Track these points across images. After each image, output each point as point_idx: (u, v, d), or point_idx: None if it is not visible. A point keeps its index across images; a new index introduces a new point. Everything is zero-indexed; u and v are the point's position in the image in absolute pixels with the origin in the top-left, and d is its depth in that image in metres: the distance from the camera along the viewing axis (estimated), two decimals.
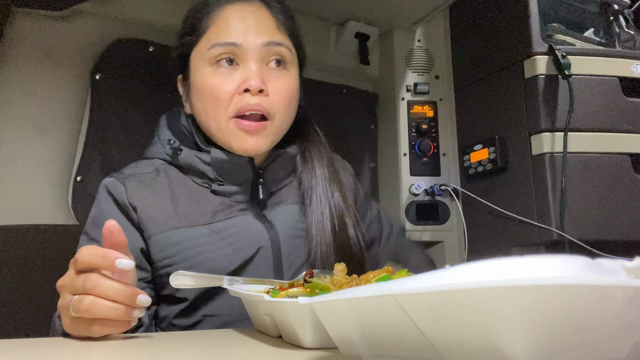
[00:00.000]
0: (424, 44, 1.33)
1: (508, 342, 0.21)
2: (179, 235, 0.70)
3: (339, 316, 0.31)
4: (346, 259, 0.67)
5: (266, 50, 0.69)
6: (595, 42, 1.19)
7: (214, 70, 0.69)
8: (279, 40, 0.70)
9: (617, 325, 0.21)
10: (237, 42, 0.67)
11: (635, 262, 0.24)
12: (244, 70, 0.68)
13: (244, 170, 0.73)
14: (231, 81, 0.68)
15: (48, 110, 0.97)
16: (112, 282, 0.48)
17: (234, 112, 0.68)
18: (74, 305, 0.47)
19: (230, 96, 0.68)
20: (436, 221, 1.23)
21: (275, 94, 0.69)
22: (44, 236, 0.88)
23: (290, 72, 0.72)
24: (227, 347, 0.50)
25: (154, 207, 0.71)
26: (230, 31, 0.68)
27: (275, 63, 0.70)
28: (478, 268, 0.21)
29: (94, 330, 0.48)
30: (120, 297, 0.48)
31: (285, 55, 0.71)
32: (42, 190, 0.95)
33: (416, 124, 1.27)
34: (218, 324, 0.71)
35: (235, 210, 0.73)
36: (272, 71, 0.70)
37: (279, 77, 0.70)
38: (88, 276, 0.48)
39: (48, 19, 0.98)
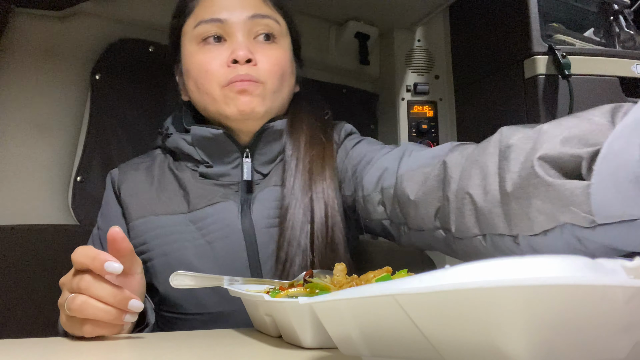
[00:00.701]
0: (424, 44, 1.33)
1: (508, 342, 0.21)
2: (156, 222, 0.69)
3: (339, 316, 0.31)
4: (326, 256, 0.65)
5: (252, 23, 0.68)
6: (595, 42, 1.19)
7: (201, 47, 0.68)
8: (264, 12, 0.69)
9: (617, 325, 0.21)
10: (222, 18, 0.67)
11: (635, 262, 0.24)
12: (231, 45, 0.67)
13: (225, 145, 0.69)
14: (219, 56, 0.67)
15: (48, 110, 0.97)
16: (105, 284, 0.48)
17: (225, 83, 0.67)
18: (68, 303, 0.47)
19: (219, 69, 0.67)
20: None
21: (264, 63, 0.68)
22: (44, 236, 0.88)
23: (280, 45, 0.71)
24: (227, 347, 0.50)
25: (136, 193, 0.72)
26: (215, 8, 0.67)
27: (263, 37, 0.69)
28: (478, 268, 0.21)
29: (85, 330, 0.48)
30: (111, 300, 0.48)
31: (273, 27, 0.69)
32: (42, 190, 0.95)
33: (416, 124, 1.27)
34: (200, 320, 0.69)
35: (218, 195, 0.69)
36: (261, 44, 0.69)
37: (268, 49, 0.69)
38: (83, 276, 0.48)
39: (48, 19, 0.98)
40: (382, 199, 0.62)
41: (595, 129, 0.41)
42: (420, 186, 0.54)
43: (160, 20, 1.09)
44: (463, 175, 0.48)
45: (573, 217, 0.37)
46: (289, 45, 0.74)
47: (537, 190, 0.40)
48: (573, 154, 0.39)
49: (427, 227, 0.54)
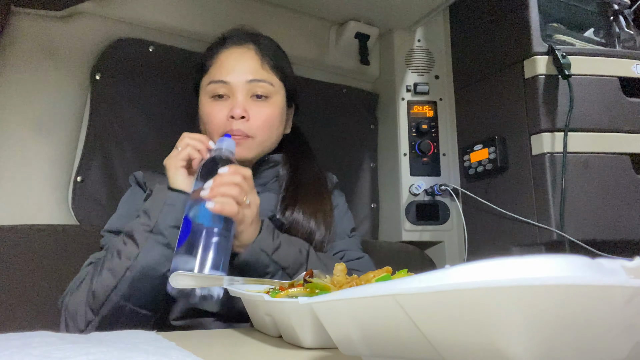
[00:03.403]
0: (424, 44, 1.33)
1: (508, 342, 0.21)
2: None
3: (339, 316, 0.31)
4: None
5: (250, 85, 0.84)
6: (595, 42, 1.19)
7: (211, 101, 0.86)
8: (261, 77, 0.85)
9: (617, 325, 0.21)
10: (227, 80, 0.84)
11: (635, 262, 0.24)
12: (232, 101, 0.84)
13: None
14: (222, 111, 0.84)
15: (48, 110, 0.97)
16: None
17: (224, 133, 0.83)
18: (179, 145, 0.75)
19: (221, 122, 0.84)
20: (436, 221, 1.23)
21: (255, 119, 0.84)
22: (44, 236, 0.88)
23: (272, 102, 0.87)
24: (227, 347, 0.50)
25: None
26: (223, 71, 0.85)
27: (257, 96, 0.85)
28: (478, 268, 0.21)
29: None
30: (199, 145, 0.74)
31: (267, 89, 0.86)
32: (42, 190, 0.94)
33: (416, 124, 1.27)
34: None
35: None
36: (255, 102, 0.85)
37: (260, 106, 0.85)
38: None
39: (48, 19, 0.98)
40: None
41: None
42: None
43: (160, 20, 1.10)
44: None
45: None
46: (281, 100, 0.89)
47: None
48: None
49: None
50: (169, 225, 0.69)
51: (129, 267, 0.67)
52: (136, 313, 0.68)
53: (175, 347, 0.44)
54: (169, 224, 0.69)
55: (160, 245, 0.68)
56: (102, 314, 0.66)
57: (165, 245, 0.69)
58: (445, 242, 1.24)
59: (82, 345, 0.39)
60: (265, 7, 1.22)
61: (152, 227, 0.69)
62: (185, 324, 0.75)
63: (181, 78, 1.11)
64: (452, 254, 1.23)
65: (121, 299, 0.67)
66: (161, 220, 0.69)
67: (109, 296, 0.66)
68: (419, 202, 1.23)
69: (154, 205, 0.71)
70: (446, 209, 1.24)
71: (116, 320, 0.67)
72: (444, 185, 1.21)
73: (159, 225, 0.69)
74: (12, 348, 0.36)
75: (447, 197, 1.24)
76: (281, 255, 0.73)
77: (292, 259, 0.73)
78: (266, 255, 0.71)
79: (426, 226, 1.23)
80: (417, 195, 1.23)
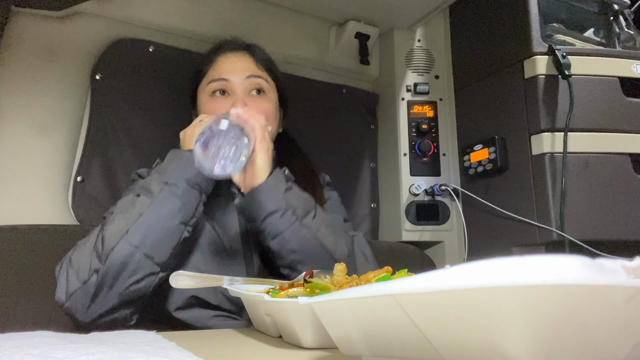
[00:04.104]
0: (424, 44, 1.33)
1: (508, 342, 0.21)
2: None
3: (339, 316, 0.31)
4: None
5: (248, 81, 0.89)
6: (595, 42, 1.19)
7: (212, 98, 0.89)
8: (257, 74, 0.90)
9: (617, 325, 0.21)
10: (227, 78, 0.88)
11: (635, 262, 0.24)
12: (232, 97, 0.88)
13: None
14: (224, 106, 0.86)
15: (48, 110, 0.97)
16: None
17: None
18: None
19: None
20: (436, 221, 1.23)
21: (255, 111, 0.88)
22: (44, 236, 0.88)
23: (268, 97, 0.91)
24: (227, 347, 0.50)
25: None
26: (221, 71, 0.89)
27: (255, 92, 0.90)
28: (478, 268, 0.21)
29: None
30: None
31: (263, 85, 0.90)
32: (42, 190, 0.94)
33: (416, 124, 1.27)
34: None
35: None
36: (253, 97, 0.89)
37: (259, 100, 0.89)
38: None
39: (48, 19, 0.98)
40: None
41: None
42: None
43: (160, 20, 1.10)
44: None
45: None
46: (275, 98, 0.94)
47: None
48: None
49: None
50: (184, 178, 0.72)
51: (142, 214, 0.69)
52: (144, 264, 0.68)
53: (175, 347, 0.44)
54: (185, 177, 0.72)
55: (175, 197, 0.71)
56: (110, 261, 0.66)
57: (179, 198, 0.71)
58: (445, 242, 1.24)
59: (82, 345, 0.39)
60: (265, 7, 1.22)
61: (167, 179, 0.72)
62: (186, 317, 0.75)
63: (181, 78, 1.10)
64: (452, 254, 1.23)
65: (131, 245, 0.67)
66: (176, 174, 0.72)
67: (119, 241, 0.67)
68: (419, 202, 1.23)
69: (169, 163, 0.75)
70: (446, 209, 1.24)
71: (123, 269, 0.66)
72: (444, 185, 1.21)
73: (174, 178, 0.72)
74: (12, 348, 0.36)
75: (447, 197, 1.24)
76: (292, 196, 0.75)
77: (302, 202, 0.76)
78: (278, 191, 0.74)
79: (426, 226, 1.23)
80: (417, 195, 1.23)
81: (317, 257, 0.73)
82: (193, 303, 0.76)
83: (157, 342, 0.47)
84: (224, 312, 0.77)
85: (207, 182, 0.75)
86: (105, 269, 0.66)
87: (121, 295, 0.67)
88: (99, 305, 0.66)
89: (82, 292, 0.66)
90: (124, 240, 0.67)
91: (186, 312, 0.76)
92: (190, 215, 0.72)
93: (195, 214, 0.73)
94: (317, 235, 0.74)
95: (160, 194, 0.70)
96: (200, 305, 0.76)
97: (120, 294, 0.67)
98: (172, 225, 0.70)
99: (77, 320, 0.67)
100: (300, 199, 0.76)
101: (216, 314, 0.76)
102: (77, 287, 0.66)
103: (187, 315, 0.76)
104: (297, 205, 0.75)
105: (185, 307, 0.76)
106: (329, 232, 0.76)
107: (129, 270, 0.67)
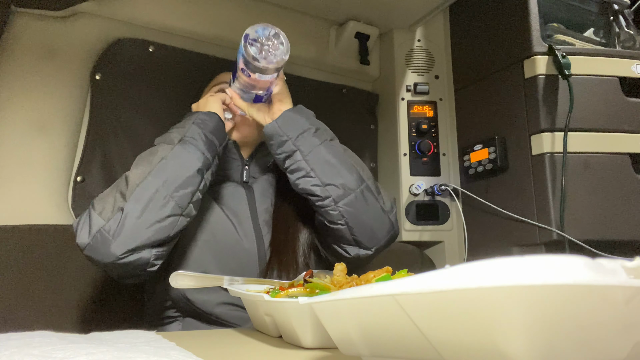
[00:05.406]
0: (424, 44, 1.33)
1: (508, 342, 0.21)
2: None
3: (339, 316, 0.31)
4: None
5: None
6: (595, 42, 1.19)
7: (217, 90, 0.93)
8: None
9: (617, 325, 0.21)
10: (228, 81, 0.90)
11: (635, 262, 0.24)
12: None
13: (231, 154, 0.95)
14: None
15: (48, 110, 0.97)
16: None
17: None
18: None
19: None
20: (436, 221, 1.23)
21: None
22: (44, 236, 0.88)
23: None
24: (227, 347, 0.50)
25: None
26: (224, 78, 0.94)
27: None
28: (478, 268, 0.21)
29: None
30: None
31: None
32: (42, 190, 0.94)
33: (416, 124, 1.27)
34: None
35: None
36: None
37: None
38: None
39: (48, 19, 0.98)
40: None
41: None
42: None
43: (160, 20, 1.10)
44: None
45: None
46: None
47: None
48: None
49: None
50: (202, 132, 0.76)
51: (165, 157, 0.72)
52: (167, 203, 0.69)
53: (175, 347, 0.44)
54: (203, 131, 0.77)
55: (193, 147, 0.75)
56: (134, 197, 0.68)
57: (197, 147, 0.75)
58: (445, 242, 1.24)
59: (82, 345, 0.39)
60: (265, 7, 1.22)
61: (186, 132, 0.76)
62: (195, 299, 0.76)
63: (181, 78, 1.10)
64: (452, 254, 1.23)
65: (155, 184, 0.69)
66: (194, 128, 0.77)
67: (143, 180, 0.69)
68: (418, 202, 1.23)
69: (186, 121, 0.79)
70: (446, 209, 1.24)
71: (147, 205, 0.68)
72: (444, 185, 1.21)
73: (192, 131, 0.76)
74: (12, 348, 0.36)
75: (447, 197, 1.24)
76: (319, 122, 0.83)
77: (327, 128, 0.84)
78: (309, 113, 0.83)
79: (426, 226, 1.23)
80: (417, 195, 1.23)
81: (348, 169, 0.79)
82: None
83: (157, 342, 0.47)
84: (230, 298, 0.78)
85: (221, 137, 0.80)
86: (130, 206, 0.67)
87: (144, 232, 0.67)
88: (122, 243, 0.66)
89: (105, 229, 0.66)
90: (148, 180, 0.70)
91: (195, 293, 0.76)
92: (208, 165, 0.76)
93: (212, 164, 0.77)
94: (344, 154, 0.81)
95: (180, 142, 0.75)
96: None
97: (143, 231, 0.67)
98: (192, 169, 0.73)
99: (98, 262, 0.67)
100: (324, 126, 0.84)
101: (223, 300, 0.77)
102: (100, 225, 0.67)
103: (196, 297, 0.76)
104: (325, 129, 0.83)
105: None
106: (349, 155, 0.83)
107: (153, 208, 0.68)
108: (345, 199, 0.77)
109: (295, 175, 0.79)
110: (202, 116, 0.80)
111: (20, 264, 0.84)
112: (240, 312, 0.77)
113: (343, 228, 0.78)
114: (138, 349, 0.41)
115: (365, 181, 0.79)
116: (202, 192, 0.75)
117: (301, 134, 0.78)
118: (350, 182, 0.78)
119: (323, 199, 0.77)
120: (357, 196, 0.77)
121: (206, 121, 0.79)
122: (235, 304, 0.78)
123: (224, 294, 0.76)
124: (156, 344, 0.46)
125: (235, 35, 1.17)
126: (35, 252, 0.86)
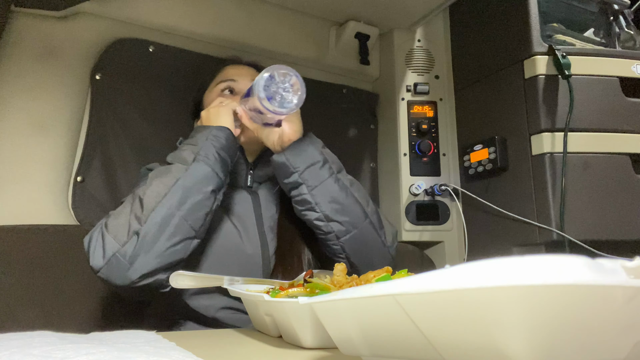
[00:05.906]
0: (424, 44, 1.33)
1: (508, 342, 0.21)
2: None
3: (339, 316, 0.31)
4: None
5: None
6: (595, 42, 1.19)
7: (221, 95, 0.93)
8: None
9: (617, 325, 0.21)
10: (235, 79, 0.95)
11: (635, 262, 0.24)
12: (239, 96, 0.90)
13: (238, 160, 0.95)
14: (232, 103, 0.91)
15: (48, 110, 0.97)
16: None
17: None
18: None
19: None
20: (436, 221, 1.23)
21: None
22: (44, 236, 0.88)
23: None
24: (227, 347, 0.50)
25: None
26: (229, 75, 0.96)
27: None
28: (478, 268, 0.21)
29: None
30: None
31: None
32: (42, 190, 0.94)
33: (416, 124, 1.27)
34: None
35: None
36: None
37: None
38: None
39: (48, 19, 0.98)
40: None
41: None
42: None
43: (160, 20, 1.10)
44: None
45: None
46: None
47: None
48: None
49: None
50: (215, 151, 0.76)
51: (179, 178, 0.72)
52: (182, 227, 0.70)
53: (175, 347, 0.44)
54: (216, 149, 0.77)
55: (207, 165, 0.75)
56: (150, 222, 0.68)
57: (210, 167, 0.75)
58: (445, 242, 1.24)
59: (82, 345, 0.39)
60: (265, 7, 1.22)
61: (199, 150, 0.76)
62: (197, 305, 0.76)
63: (181, 78, 1.11)
64: (452, 254, 1.23)
65: (170, 207, 0.69)
66: (207, 146, 0.76)
67: (158, 203, 0.69)
68: (418, 202, 1.23)
69: (198, 137, 0.78)
70: (446, 209, 1.24)
71: (162, 230, 0.68)
72: (444, 185, 1.21)
73: (206, 149, 0.76)
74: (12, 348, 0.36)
75: (447, 197, 1.24)
76: (327, 152, 0.83)
77: (335, 159, 0.83)
78: (318, 144, 0.82)
79: (426, 226, 1.23)
80: (417, 195, 1.23)
81: (352, 206, 0.79)
82: (205, 289, 0.76)
83: (157, 342, 0.47)
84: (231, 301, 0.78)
85: (233, 153, 0.81)
86: (145, 230, 0.67)
87: (160, 257, 0.68)
88: (138, 268, 0.67)
89: (121, 254, 0.66)
90: (163, 203, 0.69)
91: (198, 298, 0.76)
92: (221, 185, 0.76)
93: (224, 182, 0.77)
94: (350, 189, 0.81)
95: (194, 162, 0.74)
96: (210, 291, 0.77)
97: (159, 255, 0.68)
98: (207, 191, 0.73)
99: (114, 285, 0.68)
100: (333, 156, 0.83)
101: (224, 304, 0.77)
102: (116, 249, 0.67)
103: (199, 303, 0.76)
104: (333, 160, 0.82)
105: (199, 292, 0.77)
106: (355, 189, 0.83)
107: (168, 232, 0.69)
108: (347, 235, 0.78)
109: (299, 206, 0.80)
110: (215, 132, 0.79)
111: (20, 264, 0.84)
112: (242, 316, 0.77)
113: (343, 261, 0.80)
114: (138, 349, 0.41)
115: (369, 216, 0.80)
116: (214, 213, 0.75)
117: (308, 167, 0.78)
118: (353, 219, 0.79)
119: (326, 234, 0.79)
120: (359, 233, 0.79)
121: (219, 137, 0.78)
122: (236, 308, 0.77)
123: (225, 299, 0.76)
124: (156, 344, 0.46)
125: (235, 35, 1.17)
126: (35, 252, 0.86)
